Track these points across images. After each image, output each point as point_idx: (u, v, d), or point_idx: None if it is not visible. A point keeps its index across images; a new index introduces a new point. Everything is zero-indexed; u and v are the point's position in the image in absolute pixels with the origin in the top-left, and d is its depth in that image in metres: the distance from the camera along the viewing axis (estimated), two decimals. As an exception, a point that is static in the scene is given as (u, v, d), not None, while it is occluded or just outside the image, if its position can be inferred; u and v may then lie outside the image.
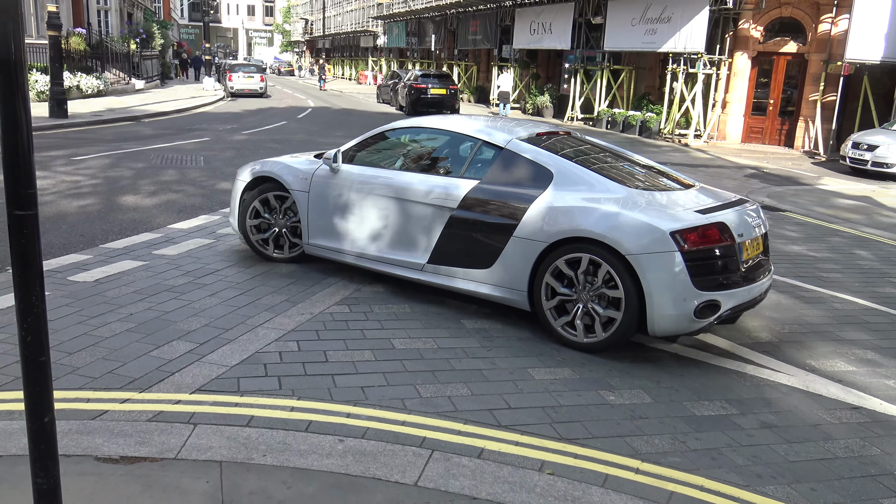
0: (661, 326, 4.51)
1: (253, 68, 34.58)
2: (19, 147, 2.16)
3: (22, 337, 2.28)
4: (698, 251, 4.48)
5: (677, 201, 4.98)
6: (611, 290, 4.57)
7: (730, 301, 4.60)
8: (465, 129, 5.73)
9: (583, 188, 4.92)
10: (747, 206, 5.14)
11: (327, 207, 5.91)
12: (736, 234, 4.66)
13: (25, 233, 2.21)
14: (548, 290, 4.84)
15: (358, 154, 6.05)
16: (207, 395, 3.77)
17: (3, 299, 5.00)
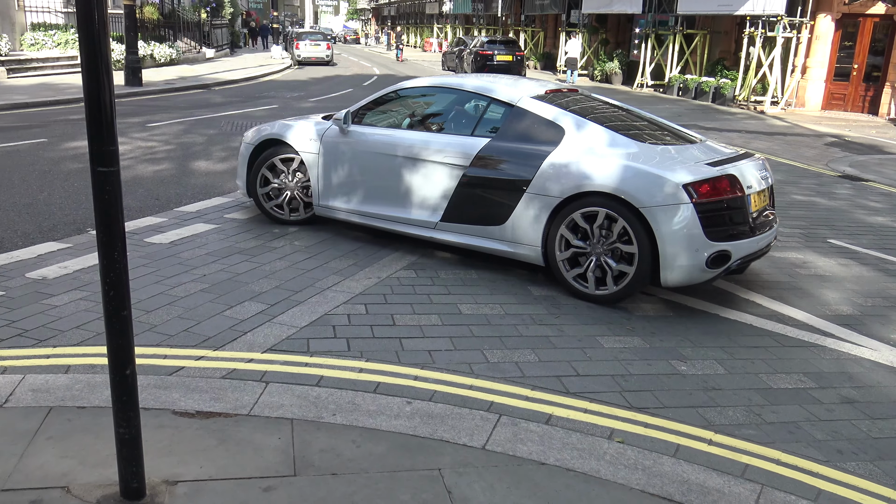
0: (674, 277, 4.61)
1: (319, 36, 34.80)
2: (101, 106, 2.20)
3: (105, 291, 2.35)
4: (710, 203, 4.57)
5: (687, 155, 5.06)
6: (624, 244, 4.66)
7: (739, 251, 4.70)
8: (474, 88, 5.77)
9: (594, 143, 4.99)
10: (754, 160, 5.21)
11: (338, 169, 5.93)
12: (745, 186, 4.77)
13: (108, 189, 2.26)
14: (562, 244, 4.91)
15: (367, 114, 6.06)
16: (278, 355, 3.84)
17: (83, 259, 5.19)
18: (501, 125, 5.35)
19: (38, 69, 19.55)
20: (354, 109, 6.03)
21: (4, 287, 4.63)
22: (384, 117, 6.09)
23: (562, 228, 4.87)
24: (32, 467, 2.76)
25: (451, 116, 5.93)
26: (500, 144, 5.23)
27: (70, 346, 3.84)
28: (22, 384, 3.36)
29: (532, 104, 5.34)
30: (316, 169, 6.00)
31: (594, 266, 4.80)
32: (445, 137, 5.55)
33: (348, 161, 5.86)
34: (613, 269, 4.71)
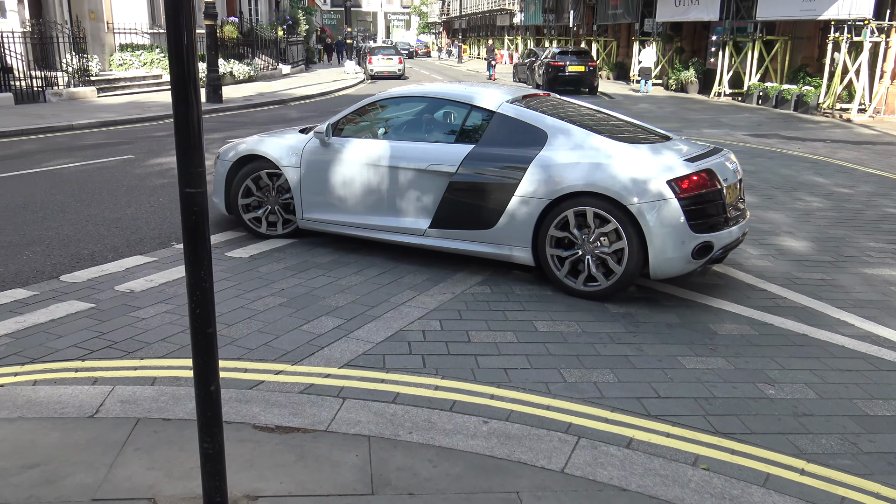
0: (663, 269, 4.86)
1: (391, 51, 35.27)
2: (190, 129, 2.25)
3: (192, 309, 2.40)
4: (692, 197, 4.80)
5: (665, 152, 5.21)
6: (614, 240, 4.86)
7: (720, 241, 4.94)
8: (453, 96, 5.95)
9: (577, 145, 5.17)
10: (725, 154, 5.43)
11: (321, 181, 5.96)
12: (721, 178, 4.99)
13: (195, 210, 2.31)
14: (552, 243, 5.08)
15: (347, 126, 6.09)
16: (355, 371, 3.86)
17: (168, 272, 5.37)
18: (484, 131, 5.49)
19: (125, 88, 20.46)
20: (335, 121, 6.07)
21: (95, 300, 4.82)
22: (365, 128, 6.15)
23: (552, 229, 5.03)
24: (121, 478, 2.85)
25: (432, 125, 6.07)
26: (485, 150, 5.37)
27: (156, 358, 3.96)
28: (111, 395, 3.48)
29: (512, 110, 5.51)
30: (298, 182, 6.03)
31: (585, 263, 4.99)
32: (429, 146, 5.66)
33: (331, 173, 5.91)
34: (606, 262, 4.93)
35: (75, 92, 18.08)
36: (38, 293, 4.93)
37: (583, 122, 5.52)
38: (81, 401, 3.42)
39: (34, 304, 4.74)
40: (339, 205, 5.94)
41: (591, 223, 4.91)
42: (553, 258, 5.09)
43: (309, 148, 6.02)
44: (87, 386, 3.58)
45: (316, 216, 6.04)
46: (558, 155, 5.13)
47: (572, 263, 5.04)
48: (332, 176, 5.91)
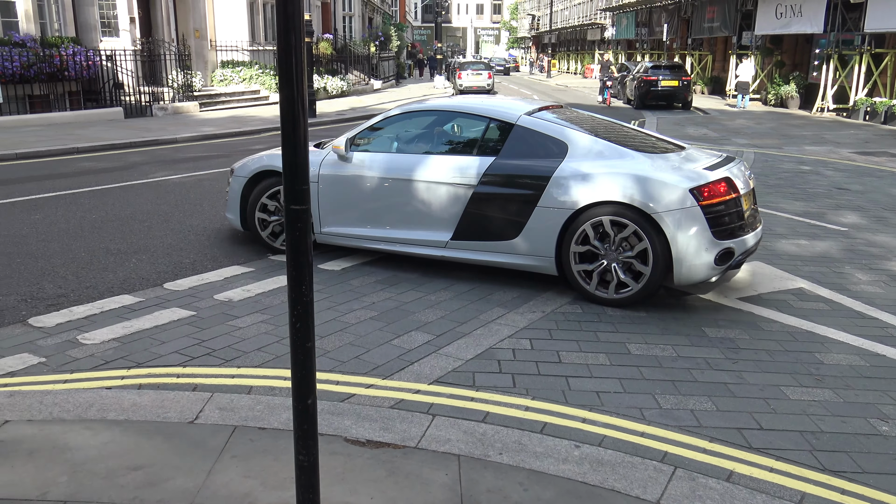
0: (688, 276, 4.94)
1: (481, 66, 35.48)
2: (297, 148, 2.30)
3: (292, 323, 2.44)
4: (714, 204, 4.90)
5: (683, 161, 5.37)
6: (639, 248, 4.94)
7: (740, 248, 5.03)
8: (470, 109, 6.01)
9: (598, 156, 5.28)
10: (739, 162, 5.54)
11: (340, 195, 6.00)
12: (739, 186, 5.10)
13: (299, 226, 2.35)
14: (576, 253, 5.15)
15: (364, 140, 6.14)
16: (444, 388, 3.85)
17: (264, 283, 5.52)
18: (505, 144, 5.56)
19: (225, 103, 21.33)
20: (352, 136, 6.10)
21: (196, 308, 5.00)
22: (383, 142, 6.17)
23: (575, 238, 5.11)
24: (218, 484, 2.92)
25: (450, 138, 6.12)
26: (506, 162, 5.45)
27: (252, 367, 4.07)
28: (210, 402, 3.59)
29: (531, 122, 5.59)
30: (315, 197, 6.07)
31: (610, 271, 5.06)
32: (450, 158, 5.70)
33: (350, 187, 5.94)
34: (632, 271, 5.02)
35: (179, 107, 18.98)
36: (143, 300, 5.16)
37: (601, 133, 5.63)
38: (182, 406, 3.54)
39: (140, 310, 4.96)
40: (358, 218, 6.00)
41: (614, 232, 5.00)
42: (579, 271, 5.17)
43: (326, 162, 6.08)
44: (188, 392, 3.70)
45: (334, 230, 6.10)
46: (580, 165, 5.22)
47: (598, 273, 5.12)
48: (350, 190, 5.95)
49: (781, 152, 13.83)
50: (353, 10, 37.66)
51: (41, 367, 4.07)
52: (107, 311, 4.93)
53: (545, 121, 5.63)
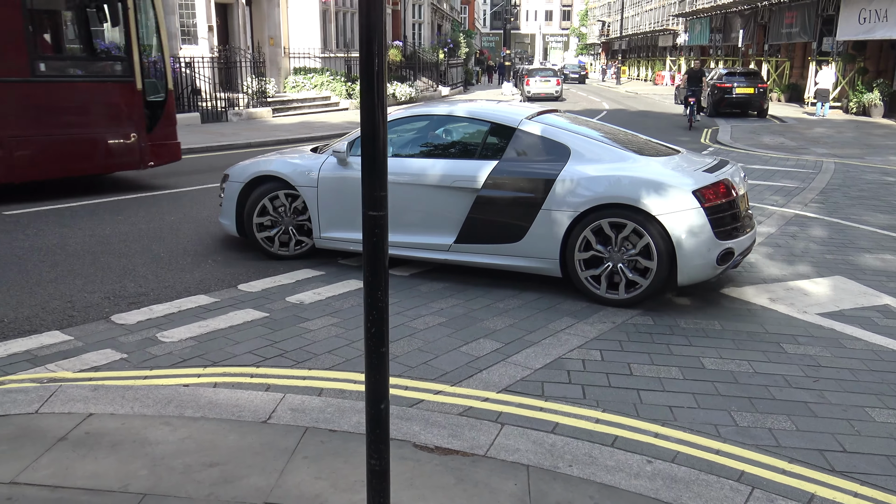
0: (691, 276, 5.06)
1: (549, 72, 35.33)
2: (376, 155, 2.33)
3: (367, 328, 2.47)
4: (715, 206, 5.04)
5: (683, 164, 5.52)
6: (643, 249, 5.05)
7: (739, 248, 5.19)
8: (470, 114, 6.03)
9: (600, 158, 5.38)
10: (734, 165, 5.70)
11: (339, 200, 5.99)
12: (736, 188, 5.29)
13: (377, 232, 2.38)
14: (581, 254, 5.24)
15: None
16: (513, 396, 3.83)
17: (334, 287, 5.60)
18: (507, 147, 5.63)
19: (296, 108, 21.80)
20: (352, 139, 6.05)
21: (268, 309, 5.11)
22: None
23: (580, 239, 5.21)
24: (291, 485, 2.97)
25: (451, 142, 6.14)
26: (510, 166, 5.53)
27: (323, 369, 4.13)
28: (283, 403, 3.65)
29: (532, 126, 5.67)
30: (315, 202, 6.08)
31: (614, 272, 5.16)
32: (452, 162, 5.76)
33: (351, 191, 5.90)
34: (637, 270, 5.10)
35: (253, 112, 19.49)
36: (218, 300, 5.31)
37: (600, 136, 5.75)
38: (256, 406, 3.61)
39: (215, 310, 5.10)
40: (359, 223, 5.93)
41: (618, 233, 5.10)
42: (580, 263, 5.27)
43: (326, 167, 6.09)
44: (261, 392, 3.78)
45: (334, 235, 6.12)
46: (584, 168, 5.31)
47: (601, 274, 5.21)
48: (351, 194, 5.93)
49: (864, 162, 13.28)
50: (422, 18, 38.01)
51: (123, 362, 4.22)
52: (184, 311, 5.08)
53: (546, 125, 5.72)
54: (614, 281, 5.18)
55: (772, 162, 13.41)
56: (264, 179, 6.32)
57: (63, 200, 8.88)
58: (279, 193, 6.24)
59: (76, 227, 7.55)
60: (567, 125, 5.87)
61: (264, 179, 6.32)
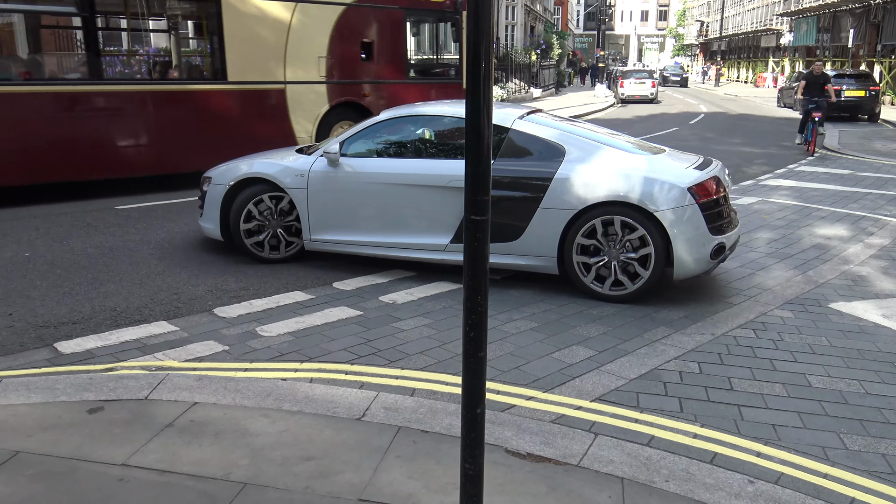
0: (687, 271, 5.19)
1: (644, 74, 34.56)
2: (481, 159, 2.32)
3: (465, 332, 2.46)
4: (708, 202, 5.17)
5: (673, 162, 5.59)
6: (641, 244, 5.16)
7: (729, 242, 5.36)
8: (459, 114, 5.97)
9: (594, 157, 5.43)
10: (719, 163, 5.82)
11: (331, 201, 5.98)
12: (724, 185, 5.46)
13: (478, 236, 2.37)
14: (578, 251, 5.33)
15: (354, 145, 6.09)
16: (606, 406, 3.75)
17: (426, 287, 5.65)
18: (501, 147, 5.64)
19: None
20: (343, 140, 6.07)
21: (362, 307, 5.20)
22: (374, 147, 6.14)
23: (578, 237, 5.29)
24: (383, 483, 3.01)
25: (443, 142, 6.14)
26: (505, 165, 5.55)
27: (415, 369, 4.17)
28: (376, 401, 3.70)
29: (525, 125, 5.72)
30: (305, 203, 6.04)
31: (613, 269, 5.26)
32: (447, 162, 5.77)
33: (343, 192, 5.93)
34: (633, 267, 5.21)
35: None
36: (314, 297, 5.44)
37: (590, 135, 5.79)
38: (350, 403, 3.68)
39: (311, 306, 5.23)
40: (352, 224, 5.99)
41: (618, 231, 5.18)
42: (580, 265, 5.35)
43: (316, 168, 6.04)
44: (355, 389, 3.85)
45: (325, 237, 6.09)
46: (580, 167, 5.38)
47: (598, 270, 5.32)
48: (343, 195, 5.94)
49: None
50: (515, 19, 37.90)
51: (225, 354, 4.39)
52: (282, 306, 5.23)
53: (538, 124, 5.78)
54: (612, 277, 5.29)
55: (884, 170, 12.68)
56: (250, 182, 6.24)
57: (170, 196, 9.32)
58: (264, 197, 6.17)
59: (181, 223, 7.90)
60: (556, 125, 5.92)
61: (250, 182, 6.24)
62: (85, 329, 4.78)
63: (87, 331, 4.75)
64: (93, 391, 3.74)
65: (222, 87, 9.99)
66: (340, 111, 11.16)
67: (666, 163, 5.53)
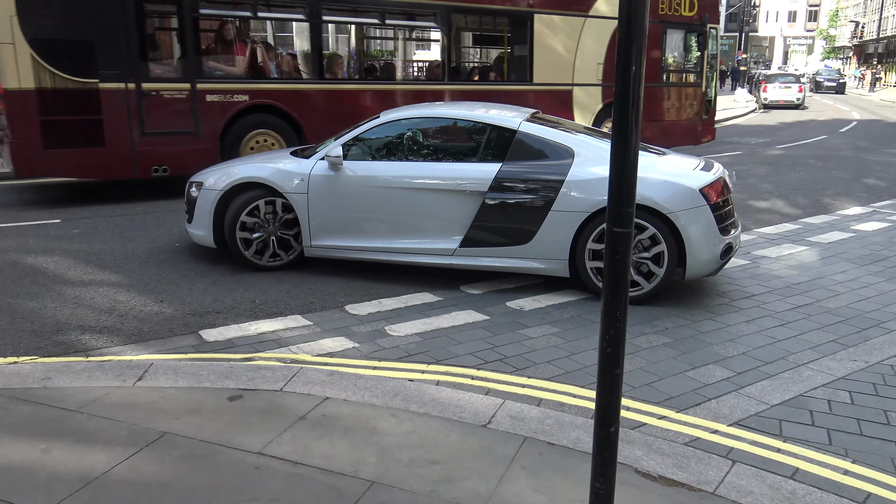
0: (698, 270, 5.31)
1: (791, 78, 32.68)
2: (625, 169, 2.24)
3: (602, 348, 2.39)
4: (718, 203, 5.26)
5: (680, 163, 5.67)
6: (652, 244, 5.22)
7: (735, 243, 5.46)
8: (466, 116, 6.04)
9: (604, 159, 5.24)
10: (721, 165, 5.78)
11: (334, 206, 5.86)
12: (730, 187, 5.56)
13: (620, 249, 2.29)
14: (590, 254, 5.35)
15: (355, 148, 5.98)
16: (745, 432, 3.54)
17: (554, 295, 5.56)
18: (509, 150, 5.63)
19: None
20: (345, 142, 5.95)
21: (489, 312, 5.19)
22: (378, 150, 6.04)
23: (590, 242, 5.32)
24: (508, 493, 2.97)
25: (449, 144, 6.08)
26: (515, 168, 5.53)
27: (542, 379, 4.10)
28: (502, 409, 3.67)
29: (532, 128, 5.70)
30: (305, 209, 5.88)
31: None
32: (455, 165, 5.74)
33: (346, 197, 5.82)
34: (647, 268, 5.27)
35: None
36: (442, 299, 5.48)
37: (593, 137, 5.78)
38: (476, 409, 3.66)
39: (438, 308, 5.27)
40: (356, 229, 5.84)
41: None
42: (594, 271, 5.35)
43: (317, 172, 5.89)
44: (481, 395, 3.83)
45: (327, 242, 5.96)
46: (591, 169, 5.36)
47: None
48: (347, 200, 5.83)
49: None
50: (652, 21, 36.82)
51: (354, 351, 4.50)
52: (410, 307, 5.31)
53: (544, 126, 5.77)
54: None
55: None
56: (248, 186, 6.03)
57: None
58: (260, 203, 5.98)
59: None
60: (564, 127, 5.98)
61: (248, 186, 6.03)
62: (227, 319, 5.04)
63: (228, 321, 5.00)
64: (233, 379, 3.93)
65: (528, 88, 11.97)
66: (608, 110, 12.70)
67: (674, 164, 5.61)
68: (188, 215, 6.42)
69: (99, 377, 3.93)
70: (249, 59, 9.92)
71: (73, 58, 8.42)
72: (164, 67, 9.50)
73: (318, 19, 10.08)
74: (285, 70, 10.56)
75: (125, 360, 4.24)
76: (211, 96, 9.38)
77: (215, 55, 9.86)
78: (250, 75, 9.84)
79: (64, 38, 8.43)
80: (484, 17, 12.20)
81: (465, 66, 13.26)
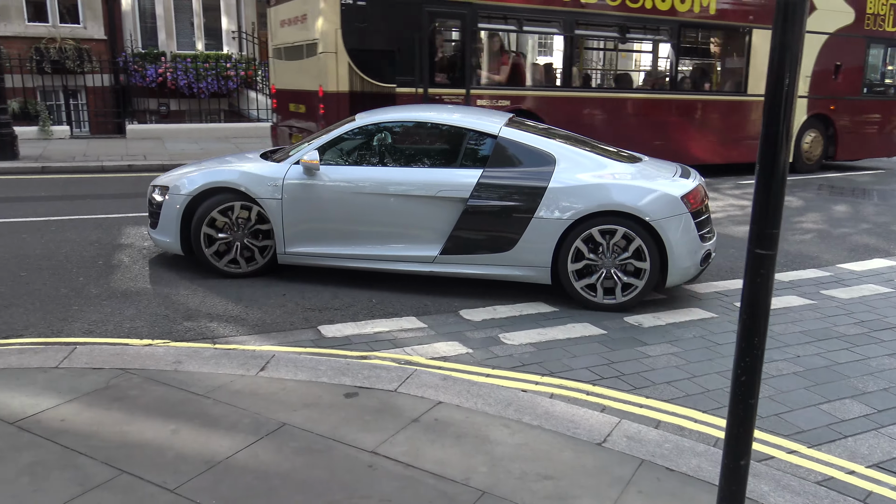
0: (679, 278, 5.33)
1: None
2: (772, 188, 2.11)
3: (736, 376, 2.26)
4: (697, 210, 5.30)
5: (658, 171, 5.65)
6: (636, 254, 5.21)
7: (713, 249, 5.52)
8: (444, 121, 5.91)
9: (585, 166, 5.44)
10: (696, 172, 5.90)
11: (310, 212, 5.68)
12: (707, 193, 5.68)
13: (762, 272, 2.16)
14: (573, 261, 5.30)
15: (331, 153, 5.80)
16: (886, 476, 3.26)
17: (676, 312, 5.35)
18: (490, 156, 5.54)
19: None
20: (321, 146, 5.78)
21: (606, 326, 5.06)
22: (356, 154, 5.88)
23: (574, 247, 5.27)
24: (623, 517, 2.86)
25: (428, 150, 5.91)
26: (496, 174, 5.45)
27: (661, 400, 3.95)
28: (618, 428, 3.55)
29: (513, 133, 5.62)
30: (279, 215, 5.69)
31: (606, 278, 5.29)
32: (434, 171, 5.60)
33: (323, 203, 5.65)
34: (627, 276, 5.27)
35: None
36: (557, 310, 5.39)
37: (576, 144, 5.76)
38: (591, 426, 3.56)
39: (554, 319, 5.19)
40: (332, 236, 5.60)
41: (608, 239, 5.21)
42: (573, 274, 5.32)
43: (291, 176, 5.68)
44: (597, 412, 3.72)
45: (303, 250, 5.77)
46: (574, 175, 5.35)
47: (596, 280, 5.31)
48: (323, 206, 5.66)
49: None
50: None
51: (468, 357, 4.49)
52: (524, 315, 5.25)
53: (524, 132, 5.68)
54: (606, 286, 5.31)
55: None
56: (215, 191, 5.80)
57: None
58: (234, 205, 5.77)
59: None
60: (544, 132, 5.90)
61: (215, 191, 5.80)
62: (345, 316, 5.16)
63: (346, 318, 5.12)
64: (349, 376, 4.01)
65: (744, 99, 12.92)
66: (811, 121, 13.42)
67: (654, 171, 5.59)
68: (151, 220, 6.22)
69: (225, 364, 4.11)
70: (511, 69, 11.47)
71: (378, 66, 9.96)
72: (444, 76, 10.81)
73: (570, 33, 11.39)
74: (537, 78, 12.40)
75: (249, 350, 4.41)
76: (481, 101, 10.81)
77: (486, 66, 11.56)
78: (512, 83, 11.34)
79: (374, 49, 10.00)
80: (707, 31, 13.07)
81: (687, 76, 13.73)
